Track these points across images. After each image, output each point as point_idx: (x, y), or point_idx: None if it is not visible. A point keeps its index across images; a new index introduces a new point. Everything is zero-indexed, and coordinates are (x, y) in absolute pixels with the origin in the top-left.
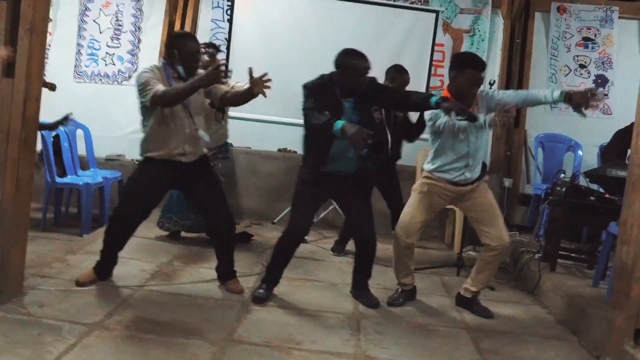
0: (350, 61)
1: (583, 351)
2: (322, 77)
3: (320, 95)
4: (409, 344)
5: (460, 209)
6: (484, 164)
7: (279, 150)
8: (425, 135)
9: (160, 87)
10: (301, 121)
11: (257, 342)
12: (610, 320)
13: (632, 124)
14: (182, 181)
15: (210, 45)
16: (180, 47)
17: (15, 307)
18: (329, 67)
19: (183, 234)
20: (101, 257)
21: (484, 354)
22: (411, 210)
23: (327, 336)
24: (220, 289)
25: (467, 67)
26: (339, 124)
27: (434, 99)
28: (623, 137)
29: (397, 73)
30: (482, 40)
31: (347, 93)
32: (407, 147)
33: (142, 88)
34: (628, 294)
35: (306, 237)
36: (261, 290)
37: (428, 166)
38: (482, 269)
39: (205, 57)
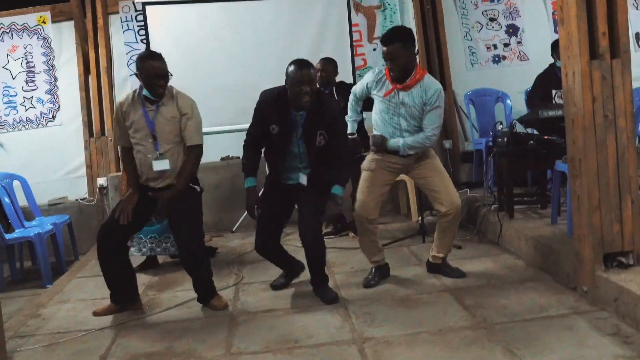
0: (288, 70)
1: (559, 286)
2: (277, 87)
3: (270, 111)
4: (399, 317)
5: (411, 178)
6: None
7: (222, 159)
8: None
9: (119, 143)
10: (238, 126)
11: (257, 350)
12: (578, 252)
13: (550, 66)
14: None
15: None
16: (141, 71)
17: None
18: (251, 70)
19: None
20: (108, 286)
21: (471, 310)
22: (363, 188)
23: (321, 329)
24: (203, 309)
25: (381, 42)
26: (248, 183)
27: (336, 190)
28: (543, 80)
29: (320, 63)
30: (394, 13)
31: (302, 105)
32: None
33: None
34: (590, 224)
35: None
36: (282, 280)
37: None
38: (443, 235)
39: None
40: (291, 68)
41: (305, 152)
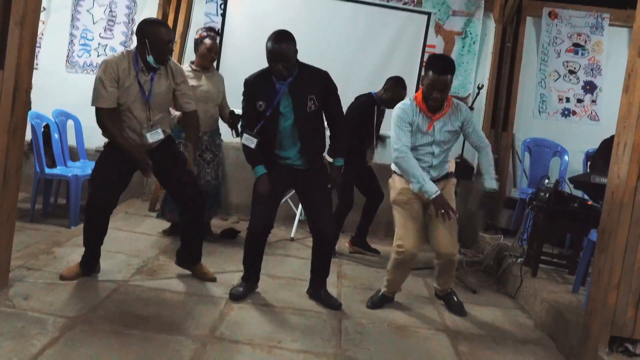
0: (267, 44)
1: (560, 356)
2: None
3: (255, 89)
4: (388, 344)
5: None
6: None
7: None
8: None
9: (105, 106)
10: None
11: (239, 340)
12: (587, 327)
13: None
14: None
15: (210, 29)
16: (151, 36)
17: (0, 300)
18: (319, 65)
19: None
20: (85, 250)
21: (462, 357)
22: (402, 223)
23: (308, 336)
24: (205, 285)
25: (430, 69)
26: (259, 171)
27: (338, 162)
28: (609, 146)
29: (394, 86)
30: (474, 43)
31: (281, 76)
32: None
33: (95, 82)
34: (604, 302)
35: (292, 235)
36: (240, 288)
37: (394, 167)
38: (440, 274)
39: (208, 40)
40: (268, 43)
41: (294, 123)
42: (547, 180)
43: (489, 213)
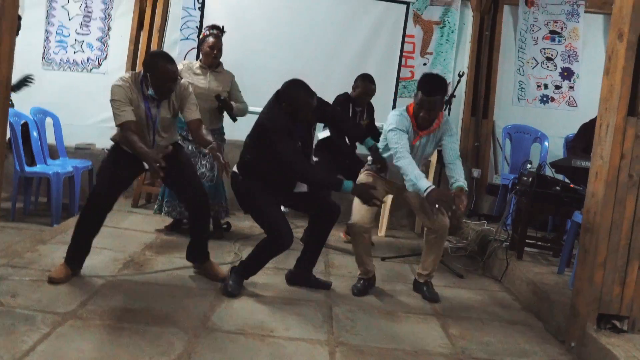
0: (299, 95)
1: (548, 335)
2: (274, 108)
3: (289, 129)
4: (379, 329)
5: (408, 196)
6: None
7: None
8: None
9: (127, 120)
10: None
11: (231, 330)
12: (574, 305)
13: (596, 117)
14: None
15: (214, 27)
16: (153, 72)
17: None
18: (297, 57)
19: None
20: (73, 244)
21: (453, 339)
22: (356, 203)
23: (300, 323)
24: (193, 278)
25: (420, 89)
26: (349, 185)
27: (369, 142)
28: (588, 130)
29: (361, 82)
30: (452, 32)
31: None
32: None
33: (112, 105)
34: (591, 280)
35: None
36: (230, 282)
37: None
38: (428, 252)
39: (211, 39)
40: (302, 96)
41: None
42: (529, 165)
43: (471, 199)
